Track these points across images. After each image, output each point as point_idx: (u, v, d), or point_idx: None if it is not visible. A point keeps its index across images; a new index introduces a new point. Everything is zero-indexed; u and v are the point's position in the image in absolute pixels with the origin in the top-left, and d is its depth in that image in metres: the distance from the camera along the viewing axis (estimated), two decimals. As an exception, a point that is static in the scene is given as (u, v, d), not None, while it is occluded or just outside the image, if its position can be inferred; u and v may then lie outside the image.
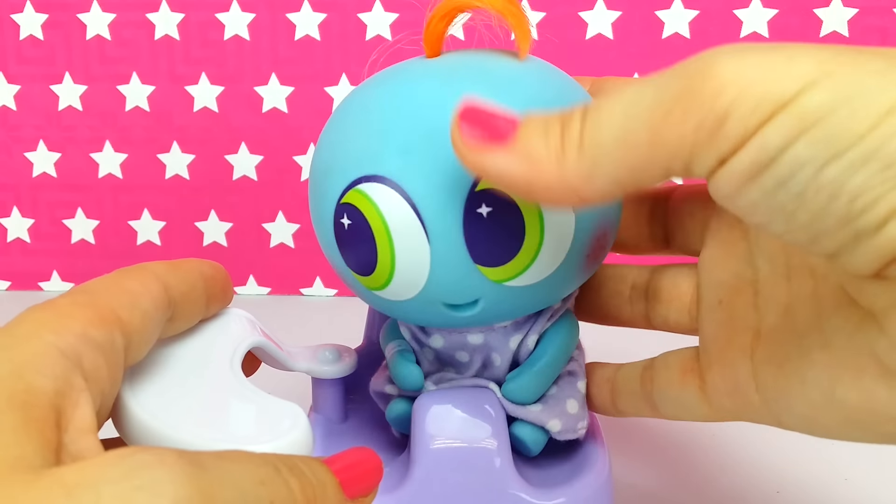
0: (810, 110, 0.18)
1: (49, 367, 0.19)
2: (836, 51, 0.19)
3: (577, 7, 0.52)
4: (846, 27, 0.50)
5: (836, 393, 0.21)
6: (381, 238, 0.24)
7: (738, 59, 0.19)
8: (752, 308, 0.25)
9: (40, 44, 0.55)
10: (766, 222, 0.19)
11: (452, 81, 0.25)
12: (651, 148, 0.19)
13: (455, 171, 0.24)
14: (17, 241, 0.58)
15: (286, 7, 0.53)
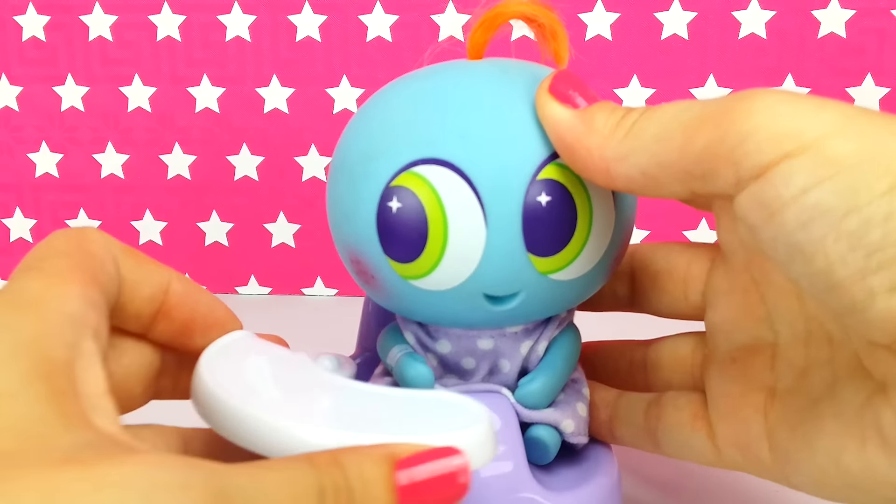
0: (834, 157, 0.19)
1: (63, 336, 0.19)
2: (863, 109, 0.20)
3: (577, 9, 0.52)
4: (844, 29, 0.50)
5: (842, 460, 0.22)
6: (435, 222, 0.24)
7: (774, 96, 0.20)
8: (769, 369, 0.25)
9: (43, 45, 0.55)
10: (786, 262, 0.20)
11: (511, 76, 0.26)
12: (680, 151, 0.21)
13: (518, 158, 0.24)
14: (20, 242, 0.58)
15: (287, 9, 0.53)
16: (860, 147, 0.19)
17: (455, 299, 0.26)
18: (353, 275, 0.28)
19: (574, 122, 0.23)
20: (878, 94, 0.51)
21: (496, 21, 0.26)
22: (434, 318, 0.27)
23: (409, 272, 0.25)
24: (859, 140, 0.19)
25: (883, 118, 0.20)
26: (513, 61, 0.27)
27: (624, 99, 0.53)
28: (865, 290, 0.19)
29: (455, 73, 0.26)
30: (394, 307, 0.27)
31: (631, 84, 0.52)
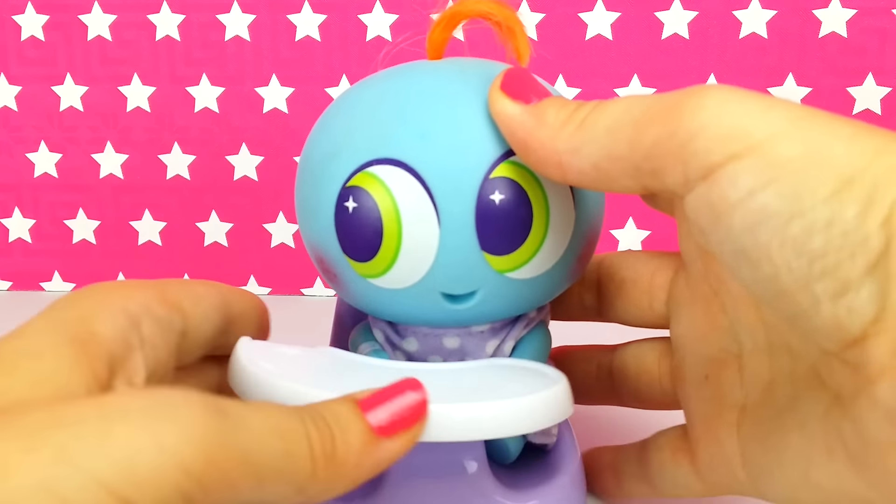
0: (779, 160, 0.19)
1: (111, 320, 0.20)
2: (812, 111, 0.20)
3: (577, 8, 0.52)
4: (845, 28, 0.50)
5: (810, 475, 0.22)
6: (389, 221, 0.24)
7: (724, 94, 0.20)
8: (738, 384, 0.25)
9: (41, 45, 0.55)
10: (734, 267, 0.20)
11: (468, 76, 0.26)
12: (630, 145, 0.21)
13: (471, 157, 0.25)
14: (19, 242, 0.58)
15: (287, 8, 0.53)
16: (805, 150, 0.19)
17: (414, 297, 0.26)
18: (320, 273, 0.28)
19: (525, 116, 0.23)
20: (880, 93, 0.51)
21: (454, 20, 0.27)
22: (398, 317, 0.27)
23: (366, 271, 0.26)
24: (805, 143, 0.19)
25: (831, 120, 0.19)
26: (472, 60, 0.27)
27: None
28: (810, 297, 0.19)
29: (413, 74, 0.27)
30: (359, 305, 0.28)
31: (631, 84, 0.52)
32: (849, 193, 0.18)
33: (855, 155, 0.18)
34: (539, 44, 0.52)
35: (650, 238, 0.55)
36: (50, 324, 0.20)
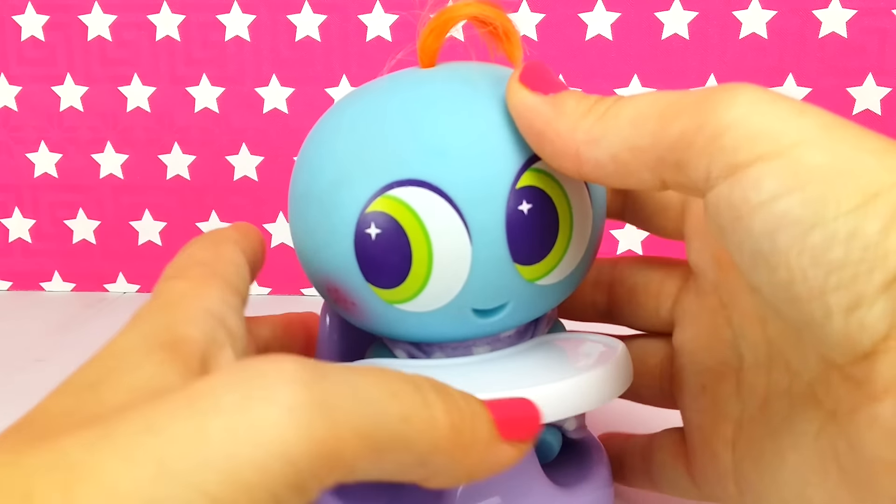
0: (807, 167, 0.19)
1: (198, 322, 0.20)
2: (842, 122, 0.19)
3: (577, 8, 0.52)
4: (845, 28, 0.50)
5: (806, 494, 0.22)
6: (418, 244, 0.24)
7: (758, 93, 0.20)
8: (735, 397, 0.25)
9: (41, 45, 0.55)
10: (750, 268, 0.20)
11: (472, 83, 0.25)
12: (654, 135, 0.21)
13: (494, 169, 0.24)
14: (19, 242, 0.58)
15: (287, 8, 0.53)
16: (833, 160, 0.18)
17: (443, 317, 0.25)
18: (329, 302, 0.27)
19: (544, 106, 0.23)
20: (880, 94, 0.51)
21: (447, 25, 0.26)
22: (424, 337, 0.27)
23: (394, 297, 0.25)
24: (834, 153, 0.19)
25: (861, 133, 0.19)
26: (469, 65, 0.27)
27: (624, 99, 0.52)
28: (823, 307, 0.18)
29: (415, 86, 0.26)
30: (380, 330, 0.27)
31: (631, 84, 0.52)
32: (874, 208, 0.18)
33: (883, 170, 0.18)
34: (539, 44, 0.52)
35: (650, 238, 0.55)
36: (138, 338, 0.19)
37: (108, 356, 0.19)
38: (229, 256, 0.24)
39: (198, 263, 0.23)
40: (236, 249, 0.24)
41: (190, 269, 0.22)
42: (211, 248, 0.24)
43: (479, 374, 0.25)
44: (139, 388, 0.18)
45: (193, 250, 0.24)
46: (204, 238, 0.25)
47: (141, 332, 0.20)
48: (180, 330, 0.20)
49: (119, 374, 0.18)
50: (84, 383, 0.18)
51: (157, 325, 0.20)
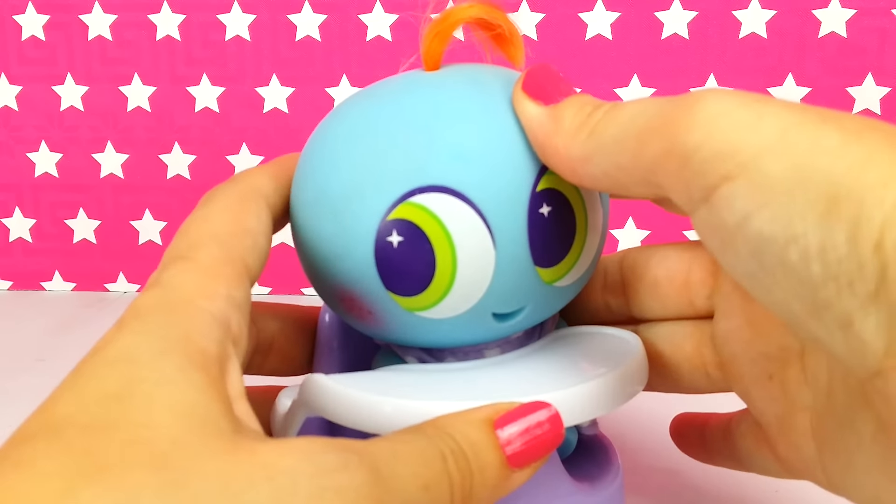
0: (767, 180, 0.17)
1: (212, 335, 0.20)
2: (805, 117, 0.18)
3: (577, 8, 0.52)
4: (844, 28, 0.50)
5: (880, 498, 0.20)
6: (442, 251, 0.23)
7: (717, 104, 0.19)
8: (805, 385, 0.24)
9: (42, 44, 0.55)
10: (750, 289, 0.19)
11: (483, 85, 0.25)
12: (634, 157, 0.20)
13: (515, 173, 0.24)
14: (19, 241, 0.58)
15: (287, 8, 0.53)
16: (793, 166, 0.17)
17: (463, 323, 0.25)
18: (340, 312, 0.27)
19: (544, 119, 0.23)
20: (879, 93, 0.51)
21: (452, 28, 0.25)
22: (441, 343, 0.26)
23: (415, 304, 0.24)
24: (793, 158, 0.17)
25: (820, 127, 0.18)
26: (475, 67, 0.26)
27: (624, 98, 0.52)
28: (823, 326, 0.17)
29: (427, 90, 0.25)
30: (394, 338, 0.26)
31: (631, 83, 0.52)
32: (836, 215, 0.16)
33: (841, 169, 0.17)
34: (539, 44, 0.52)
35: (650, 238, 0.55)
36: (154, 344, 0.19)
37: (123, 362, 0.18)
38: (250, 224, 0.23)
39: (212, 239, 0.22)
40: (261, 208, 0.24)
41: (201, 249, 0.22)
42: (232, 212, 0.23)
43: (493, 379, 0.25)
44: (179, 411, 0.18)
45: (213, 213, 0.23)
46: (229, 192, 0.24)
47: (155, 336, 0.19)
48: (200, 343, 0.19)
49: (148, 388, 0.18)
50: (106, 393, 0.18)
51: (172, 332, 0.19)
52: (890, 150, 0.17)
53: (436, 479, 0.19)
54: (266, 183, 0.25)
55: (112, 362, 0.18)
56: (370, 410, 0.23)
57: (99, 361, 0.19)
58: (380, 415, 0.22)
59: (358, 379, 0.25)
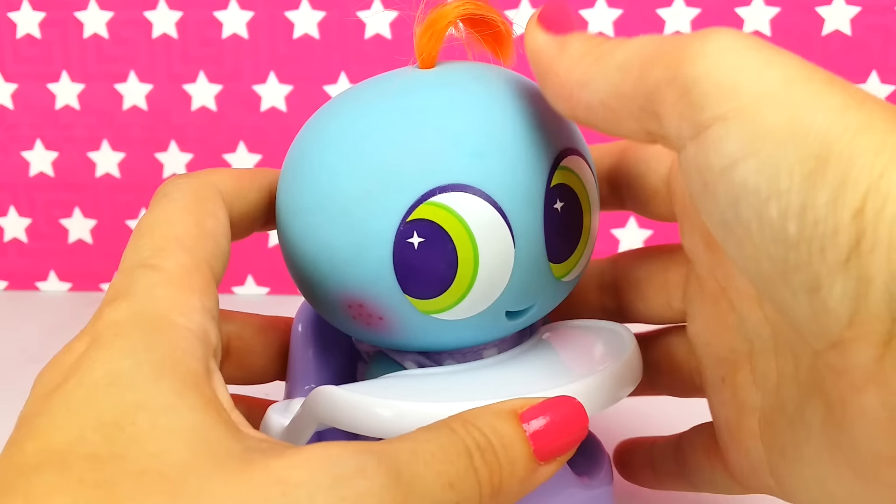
0: (762, 129, 0.17)
1: (195, 353, 0.20)
2: (813, 73, 0.18)
3: (578, 5, 0.51)
4: (849, 25, 0.50)
5: (828, 488, 0.21)
6: (464, 250, 0.23)
7: (729, 41, 0.18)
8: (753, 386, 0.24)
9: (37, 42, 0.55)
10: (722, 240, 0.19)
11: (484, 81, 0.25)
12: (635, 84, 0.20)
13: (531, 170, 0.24)
14: (14, 241, 0.58)
15: (285, 5, 0.53)
16: (791, 119, 0.17)
17: (478, 323, 0.25)
18: (340, 320, 0.26)
19: (551, 46, 0.23)
20: (884, 91, 0.51)
21: (447, 25, 0.25)
22: (447, 345, 0.26)
23: (432, 307, 0.24)
24: (792, 110, 0.17)
25: (825, 86, 0.17)
26: (471, 64, 0.26)
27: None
28: (789, 287, 0.17)
29: (432, 87, 0.25)
30: (399, 343, 0.26)
31: (633, 81, 0.52)
32: (822, 175, 0.16)
33: (836, 129, 0.16)
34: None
35: (651, 238, 0.54)
36: (147, 366, 0.18)
37: (116, 387, 0.18)
38: (209, 226, 0.23)
39: (177, 245, 0.22)
40: (219, 207, 0.24)
41: (168, 256, 0.21)
42: (191, 213, 0.23)
43: (494, 380, 0.25)
44: (184, 436, 0.17)
45: (173, 214, 0.23)
46: (186, 189, 0.24)
47: (143, 359, 0.19)
48: (188, 363, 0.19)
49: (149, 416, 0.17)
50: (103, 421, 0.17)
51: (158, 353, 0.19)
52: (890, 119, 0.17)
53: (461, 476, 0.19)
54: (225, 181, 0.25)
55: (105, 387, 0.18)
56: (394, 417, 0.22)
57: (90, 386, 0.18)
58: (404, 420, 0.22)
59: (371, 387, 0.24)
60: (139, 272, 0.21)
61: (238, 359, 0.29)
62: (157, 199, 0.24)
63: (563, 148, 0.25)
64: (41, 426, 0.18)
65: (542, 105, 0.25)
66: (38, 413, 0.18)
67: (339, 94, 0.27)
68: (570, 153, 0.25)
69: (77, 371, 0.19)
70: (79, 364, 0.19)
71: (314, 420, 0.24)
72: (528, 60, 0.24)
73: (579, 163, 0.25)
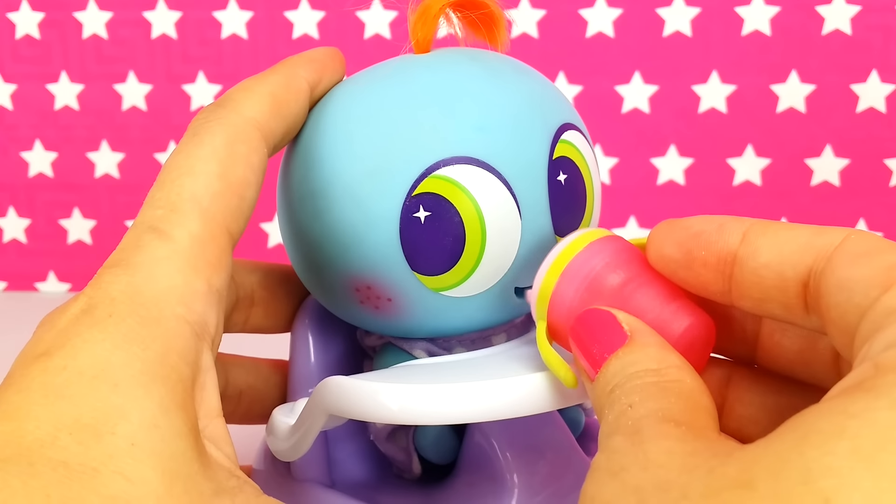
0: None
1: (186, 351, 0.19)
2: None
3: (578, 5, 0.51)
4: (849, 25, 0.50)
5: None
6: (471, 223, 0.23)
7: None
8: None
9: (36, 43, 0.55)
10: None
11: (484, 63, 0.25)
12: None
13: (534, 142, 0.24)
14: (14, 242, 0.58)
15: (284, 5, 0.53)
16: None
17: (487, 300, 0.24)
18: (348, 307, 0.26)
19: (580, 376, 0.21)
20: (884, 91, 0.50)
21: (441, 10, 0.26)
22: (457, 327, 0.26)
23: (441, 283, 0.24)
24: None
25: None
26: (465, 49, 0.26)
27: (625, 96, 0.52)
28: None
29: (431, 68, 0.25)
30: (408, 326, 0.26)
31: (633, 81, 0.52)
32: None
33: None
34: (540, 41, 0.52)
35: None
36: (138, 364, 0.18)
37: (100, 382, 0.18)
38: (238, 175, 0.22)
39: (194, 205, 0.21)
40: (254, 149, 0.22)
41: (181, 222, 0.20)
42: (219, 160, 0.21)
43: (505, 366, 0.24)
44: (162, 465, 0.17)
45: (198, 163, 0.21)
46: (218, 129, 0.22)
47: (133, 355, 0.18)
48: (179, 367, 0.19)
49: (131, 429, 0.17)
50: (81, 420, 0.17)
51: (150, 351, 0.18)
52: None
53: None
54: (262, 108, 0.24)
55: (89, 379, 0.17)
56: (404, 403, 0.22)
57: (74, 373, 0.18)
58: (415, 407, 0.22)
59: (380, 375, 0.24)
60: (147, 237, 0.20)
61: (264, 308, 0.28)
62: (187, 138, 0.22)
63: (563, 122, 0.25)
64: (16, 407, 0.17)
65: (538, 82, 0.26)
66: (17, 384, 0.17)
67: (342, 83, 0.27)
68: (569, 127, 0.25)
69: (65, 344, 0.18)
70: (67, 334, 0.18)
71: (323, 412, 0.23)
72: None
73: (579, 137, 0.25)
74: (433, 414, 0.22)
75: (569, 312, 0.21)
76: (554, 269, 0.22)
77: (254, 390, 0.29)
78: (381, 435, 0.27)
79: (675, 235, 0.20)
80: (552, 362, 0.21)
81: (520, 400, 0.22)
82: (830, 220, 0.53)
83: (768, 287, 0.19)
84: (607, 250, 0.22)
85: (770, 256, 0.19)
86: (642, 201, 0.54)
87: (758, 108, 0.52)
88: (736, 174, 0.53)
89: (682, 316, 0.20)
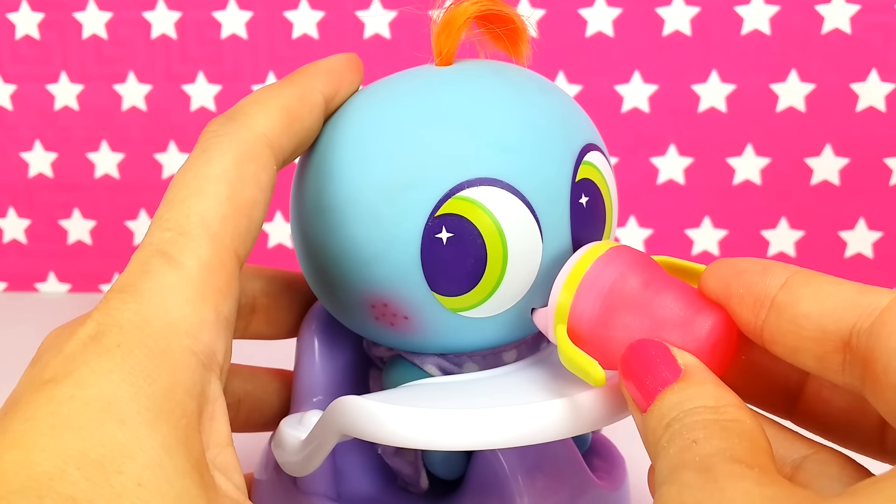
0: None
1: (192, 384, 0.19)
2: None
3: (577, 4, 0.51)
4: (848, 24, 0.50)
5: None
6: (493, 245, 0.23)
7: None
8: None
9: (36, 43, 0.55)
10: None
11: (509, 79, 0.25)
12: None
13: (557, 164, 0.24)
14: (13, 243, 0.58)
15: (284, 5, 0.53)
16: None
17: (505, 320, 0.24)
18: (365, 321, 0.25)
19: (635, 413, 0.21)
20: (884, 90, 0.50)
21: (466, 23, 0.25)
22: (468, 345, 0.25)
23: (460, 304, 0.24)
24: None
25: None
26: (489, 62, 0.26)
27: (625, 95, 0.52)
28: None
29: (452, 84, 0.25)
30: (423, 344, 0.25)
31: (632, 80, 0.52)
32: None
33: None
34: (539, 41, 0.52)
35: (652, 237, 0.54)
36: (144, 400, 0.18)
37: (107, 416, 0.17)
38: (247, 195, 0.22)
39: (203, 230, 0.21)
40: (263, 167, 0.22)
41: (189, 248, 0.20)
42: (228, 181, 0.21)
43: (518, 387, 0.24)
44: (158, 491, 0.17)
45: (207, 184, 0.21)
46: (227, 147, 0.22)
47: (140, 390, 0.18)
48: (184, 402, 0.18)
49: (137, 469, 0.17)
50: (87, 455, 0.17)
51: (158, 385, 0.18)
52: None
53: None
54: (273, 124, 0.23)
55: (97, 413, 0.17)
56: (419, 426, 0.22)
57: (81, 404, 0.18)
58: (429, 430, 0.21)
59: (394, 396, 0.24)
60: (156, 262, 0.20)
61: (266, 315, 0.28)
62: (196, 154, 0.22)
63: (585, 143, 0.25)
64: (23, 436, 0.17)
65: (561, 101, 0.25)
66: (23, 412, 0.17)
67: (360, 92, 0.26)
68: (592, 148, 0.25)
69: (72, 372, 0.18)
70: (75, 361, 0.18)
71: (336, 433, 0.23)
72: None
73: (600, 158, 0.25)
74: (450, 441, 0.21)
75: (590, 320, 0.22)
76: (571, 279, 0.22)
77: (252, 398, 0.28)
78: (390, 449, 0.27)
79: (721, 271, 0.21)
80: (579, 361, 0.21)
81: (539, 428, 0.22)
82: (830, 220, 0.53)
83: (805, 337, 0.19)
84: (622, 258, 0.22)
85: (811, 307, 0.19)
86: (642, 201, 0.54)
87: (757, 107, 0.52)
88: (736, 173, 0.53)
89: (706, 314, 0.21)
